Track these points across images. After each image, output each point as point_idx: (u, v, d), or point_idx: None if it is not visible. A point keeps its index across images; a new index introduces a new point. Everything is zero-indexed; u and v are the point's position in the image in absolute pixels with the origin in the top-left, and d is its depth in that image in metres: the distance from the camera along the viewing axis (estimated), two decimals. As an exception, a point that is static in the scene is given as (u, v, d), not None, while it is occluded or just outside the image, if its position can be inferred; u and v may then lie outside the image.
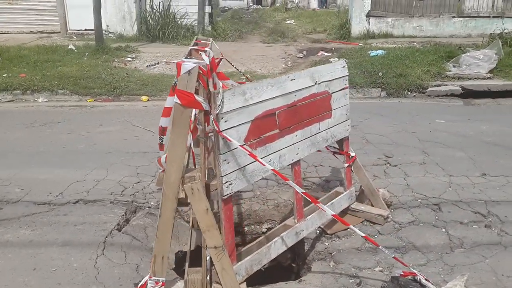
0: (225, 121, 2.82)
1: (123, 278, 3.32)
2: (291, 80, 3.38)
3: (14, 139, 6.22)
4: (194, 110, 3.01)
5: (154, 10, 14.05)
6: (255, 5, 31.20)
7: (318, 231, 4.15)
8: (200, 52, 2.76)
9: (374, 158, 5.53)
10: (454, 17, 13.48)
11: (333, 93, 3.88)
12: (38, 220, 4.08)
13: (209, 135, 2.92)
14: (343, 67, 4.00)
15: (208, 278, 3.06)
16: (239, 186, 3.02)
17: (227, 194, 2.92)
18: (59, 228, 3.95)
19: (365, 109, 7.80)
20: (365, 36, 13.43)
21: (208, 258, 3.06)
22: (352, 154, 4.21)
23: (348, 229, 4.11)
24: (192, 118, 2.92)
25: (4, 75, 9.24)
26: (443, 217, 4.14)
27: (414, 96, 8.87)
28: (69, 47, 11.62)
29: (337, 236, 4.06)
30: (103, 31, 13.22)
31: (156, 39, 13.76)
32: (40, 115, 7.59)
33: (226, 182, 2.89)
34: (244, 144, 2.98)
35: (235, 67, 4.92)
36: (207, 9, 14.40)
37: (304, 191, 3.06)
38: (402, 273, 3.11)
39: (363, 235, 3.09)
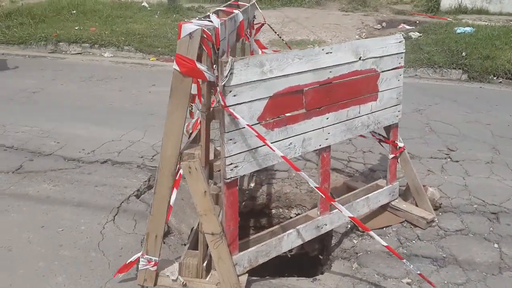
0: (234, 95, 2.45)
1: (125, 249, 3.15)
2: (327, 53, 2.91)
3: (66, 92, 6.30)
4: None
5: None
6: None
7: (349, 225, 3.71)
8: (211, 13, 2.39)
9: (434, 149, 4.89)
10: None
11: (382, 72, 3.34)
12: (62, 176, 4.03)
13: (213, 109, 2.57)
14: (399, 42, 3.42)
15: (205, 264, 2.79)
16: (247, 169, 2.67)
17: (231, 178, 2.58)
18: (79, 187, 3.87)
19: (438, 92, 6.99)
20: (455, 11, 12.14)
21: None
22: (400, 144, 3.67)
23: (384, 229, 3.66)
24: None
25: (76, 28, 9.45)
26: (499, 230, 3.51)
27: (500, 82, 7.81)
28: (143, 4, 11.66)
29: (369, 235, 3.59)
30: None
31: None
32: (100, 69, 7.65)
33: (231, 164, 2.55)
34: (257, 123, 2.60)
35: (278, 35, 4.46)
36: (285, -31, 13.76)
37: (316, 185, 2.63)
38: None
39: (385, 244, 2.63)
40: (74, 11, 10.52)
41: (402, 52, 3.46)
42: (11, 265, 2.94)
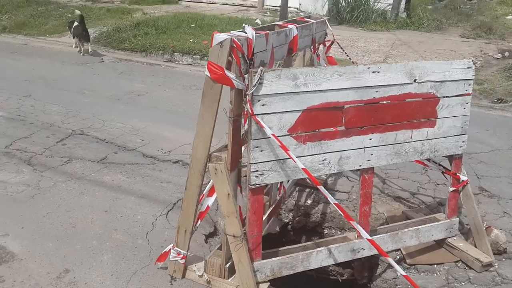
0: (263, 105, 2.55)
1: (168, 242, 3.36)
2: (373, 72, 2.86)
3: (166, 97, 6.90)
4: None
5: (348, -9, 13.69)
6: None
7: (398, 256, 3.52)
8: (247, 25, 2.52)
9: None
10: None
11: (443, 97, 3.16)
12: (136, 170, 4.46)
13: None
14: (467, 68, 3.21)
15: (228, 265, 2.89)
16: (273, 179, 2.73)
17: (256, 184, 2.67)
18: (147, 182, 4.25)
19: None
20: None
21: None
22: (463, 177, 3.41)
23: (435, 266, 3.41)
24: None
25: (191, 40, 10.27)
26: None
27: None
28: (256, 21, 12.22)
29: (416, 269, 3.38)
30: (296, 9, 13.56)
31: (344, 22, 13.44)
32: (202, 80, 8.20)
33: (256, 171, 2.64)
34: (287, 135, 2.67)
35: (346, 53, 4.42)
36: (404, -6, 13.39)
37: (336, 201, 2.58)
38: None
39: (403, 273, 2.47)
40: (193, 25, 11.43)
41: (471, 79, 3.24)
42: (71, 240, 3.35)
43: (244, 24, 2.54)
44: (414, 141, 3.15)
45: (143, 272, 3.04)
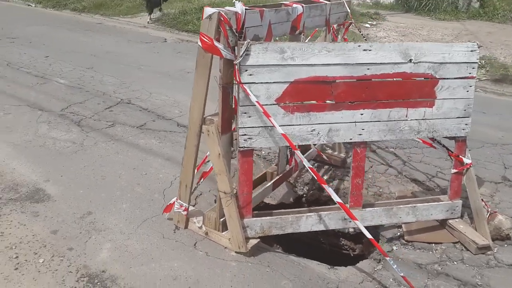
0: (250, 74, 2.82)
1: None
2: (364, 50, 3.01)
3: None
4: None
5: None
6: None
7: (399, 233, 3.65)
8: (237, 1, 2.77)
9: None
10: None
11: (441, 79, 3.23)
12: (168, 137, 4.91)
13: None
14: (471, 51, 3.24)
15: (223, 219, 3.22)
16: (261, 143, 3.00)
17: (244, 147, 2.96)
18: (176, 147, 4.68)
19: None
20: None
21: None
22: (467, 160, 3.46)
23: (433, 244, 3.50)
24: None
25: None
26: None
27: None
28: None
29: (413, 246, 3.50)
30: (363, -5, 13.46)
31: (411, 10, 13.07)
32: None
33: (244, 135, 2.93)
34: (274, 104, 2.92)
35: (362, 34, 4.48)
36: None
37: (311, 166, 2.80)
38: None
39: (370, 237, 2.64)
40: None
41: (475, 62, 3.27)
42: (98, 189, 3.86)
43: (234, 1, 2.81)
44: (410, 120, 3.25)
45: (153, 220, 3.46)
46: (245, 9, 2.82)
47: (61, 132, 4.89)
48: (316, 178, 2.80)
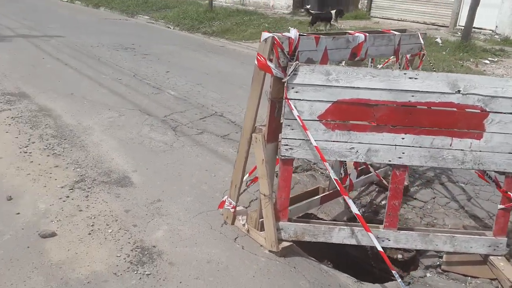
0: (296, 92, 3.17)
1: (239, 201, 4.22)
2: (410, 78, 3.17)
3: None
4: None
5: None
6: None
7: (438, 262, 3.65)
8: (292, 28, 3.12)
9: None
10: None
11: (492, 112, 3.23)
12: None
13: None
14: (529, 87, 3.19)
15: (262, 220, 3.56)
16: (301, 155, 3.30)
17: (284, 156, 3.29)
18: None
19: None
20: None
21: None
22: (518, 198, 3.37)
23: (468, 277, 3.46)
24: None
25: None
26: None
27: None
28: (436, 40, 12.01)
29: (447, 275, 3.49)
30: (490, 31, 12.82)
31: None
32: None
33: (286, 145, 3.27)
34: (316, 120, 3.22)
35: (432, 67, 4.45)
36: None
37: (336, 177, 3.02)
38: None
39: (381, 249, 2.77)
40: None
41: (534, 99, 3.20)
42: (172, 182, 4.47)
43: (289, 27, 3.19)
44: (454, 149, 3.29)
45: (207, 214, 3.94)
46: (300, 35, 3.20)
47: (158, 134, 5.68)
48: (339, 189, 3.02)
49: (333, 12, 14.18)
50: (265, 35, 3.11)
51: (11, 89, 7.34)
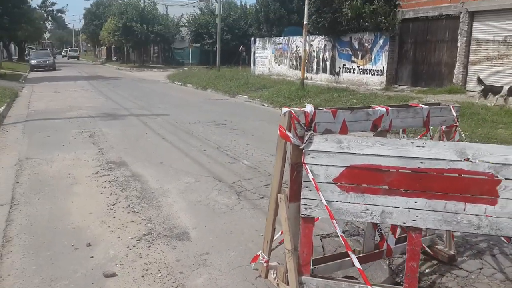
0: (312, 157, 3.62)
1: (278, 258, 4.59)
2: (417, 146, 3.46)
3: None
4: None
5: None
6: None
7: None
8: (308, 104, 3.60)
9: None
10: None
11: (506, 179, 3.34)
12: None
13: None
14: (543, 157, 3.29)
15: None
16: (319, 214, 3.66)
17: (304, 215, 3.68)
18: (300, 221, 5.51)
19: None
20: None
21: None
22: (546, 269, 3.33)
23: None
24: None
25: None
26: None
27: None
28: None
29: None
30: None
31: None
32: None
33: (305, 204, 3.67)
34: (332, 183, 3.60)
35: (464, 138, 4.48)
36: None
37: (342, 234, 3.29)
38: None
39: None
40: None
41: (549, 169, 3.27)
42: (223, 239, 5.00)
43: (306, 104, 3.71)
44: (469, 214, 3.41)
45: (245, 268, 4.37)
46: (316, 109, 3.71)
47: (223, 198, 6.33)
48: (344, 245, 3.30)
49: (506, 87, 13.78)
50: (284, 109, 3.68)
51: (114, 158, 8.66)
